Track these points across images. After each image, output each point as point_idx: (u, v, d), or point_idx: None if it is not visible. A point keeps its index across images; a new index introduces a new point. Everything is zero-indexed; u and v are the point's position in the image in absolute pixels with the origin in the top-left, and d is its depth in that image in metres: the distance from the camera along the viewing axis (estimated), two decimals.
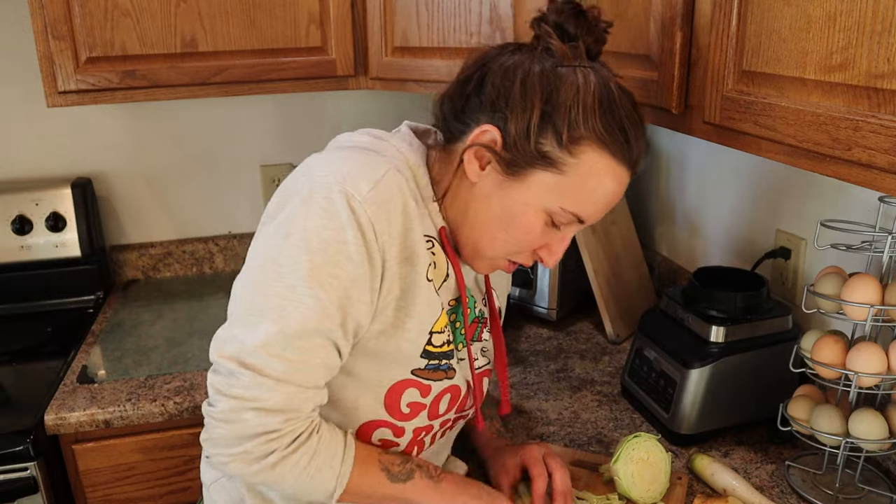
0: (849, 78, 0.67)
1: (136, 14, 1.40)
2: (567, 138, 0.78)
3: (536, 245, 0.86)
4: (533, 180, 0.81)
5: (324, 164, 0.80)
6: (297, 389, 0.76)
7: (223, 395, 0.76)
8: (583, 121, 0.78)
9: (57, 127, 1.81)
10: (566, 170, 0.79)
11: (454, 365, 0.91)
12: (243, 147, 1.92)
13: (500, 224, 0.84)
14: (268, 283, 0.76)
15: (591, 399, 1.35)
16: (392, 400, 0.88)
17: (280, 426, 0.76)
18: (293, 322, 0.75)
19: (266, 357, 0.75)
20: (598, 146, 0.79)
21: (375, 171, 0.79)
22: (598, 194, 0.81)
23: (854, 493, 1.05)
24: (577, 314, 1.70)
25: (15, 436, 1.26)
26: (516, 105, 0.79)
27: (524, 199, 0.82)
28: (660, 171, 1.77)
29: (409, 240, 0.81)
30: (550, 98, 0.78)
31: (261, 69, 1.49)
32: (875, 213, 1.00)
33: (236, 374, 0.75)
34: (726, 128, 0.87)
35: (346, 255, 0.75)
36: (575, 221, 0.83)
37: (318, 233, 0.75)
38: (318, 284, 0.75)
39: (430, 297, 0.85)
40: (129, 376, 1.42)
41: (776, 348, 1.17)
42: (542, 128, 0.79)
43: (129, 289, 1.89)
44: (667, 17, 0.96)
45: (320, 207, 0.75)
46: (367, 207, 0.76)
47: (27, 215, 1.73)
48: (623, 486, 0.99)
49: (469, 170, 0.83)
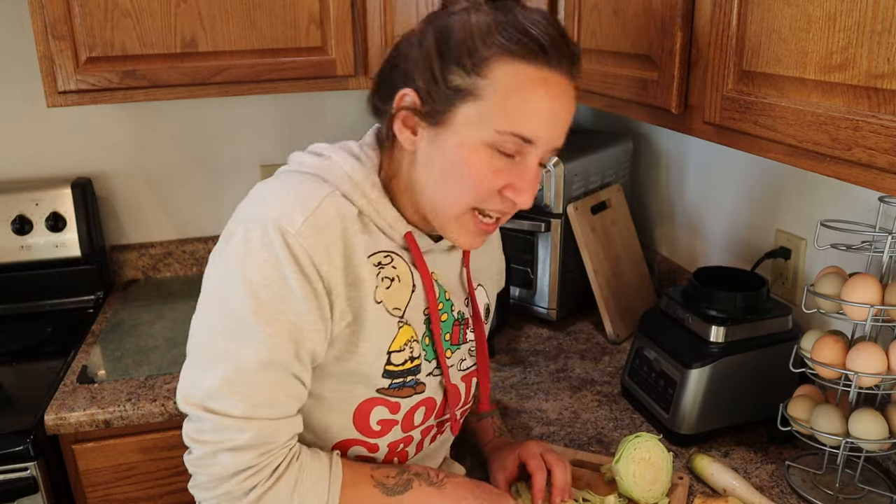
0: (849, 78, 0.67)
1: (136, 14, 1.40)
2: (472, 64, 0.77)
3: (495, 186, 0.81)
4: (458, 119, 0.79)
5: (261, 201, 0.81)
6: (265, 423, 0.78)
7: (196, 441, 0.78)
8: (481, 43, 0.77)
9: (57, 127, 1.81)
10: (483, 93, 0.77)
11: (423, 379, 0.90)
12: (243, 147, 1.92)
13: (446, 177, 0.81)
14: (218, 324, 0.78)
15: (591, 399, 1.35)
16: (361, 419, 0.88)
17: (255, 461, 0.77)
18: (247, 359, 0.76)
19: (227, 397, 0.76)
20: (508, 58, 0.77)
21: (311, 201, 0.79)
22: (530, 106, 0.78)
23: (854, 493, 1.05)
24: (577, 314, 1.70)
25: (15, 436, 1.26)
26: (417, 59, 0.80)
27: (458, 142, 0.79)
28: (660, 171, 1.77)
29: (352, 264, 0.80)
30: (447, 40, 0.78)
31: (261, 69, 1.49)
32: (875, 213, 1.00)
33: (203, 420, 0.77)
34: (726, 128, 0.87)
35: (289, 289, 0.76)
36: (522, 143, 0.79)
37: (259, 270, 0.76)
38: (266, 321, 0.76)
39: (382, 318, 0.84)
40: (129, 376, 1.42)
41: (776, 348, 1.17)
42: (445, 66, 0.78)
43: (129, 289, 1.89)
44: (667, 17, 0.96)
45: (259, 244, 0.76)
46: (302, 241, 0.76)
47: (27, 215, 1.73)
48: (625, 486, 0.99)
49: (403, 139, 0.83)
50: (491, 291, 1.06)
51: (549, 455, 0.99)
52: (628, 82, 1.09)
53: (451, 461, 1.10)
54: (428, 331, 0.90)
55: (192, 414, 0.78)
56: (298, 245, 0.76)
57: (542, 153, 0.81)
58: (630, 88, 1.08)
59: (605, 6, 1.15)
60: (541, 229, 1.55)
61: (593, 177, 1.65)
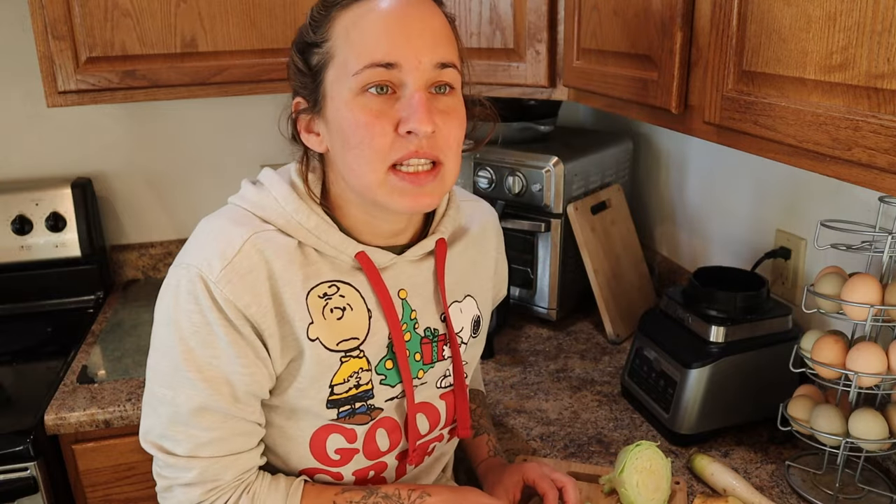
0: (849, 78, 0.67)
1: (136, 14, 1.40)
2: (318, 37, 0.79)
3: (387, 129, 0.75)
4: (328, 89, 0.79)
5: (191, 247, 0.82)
6: (208, 462, 0.81)
7: (156, 475, 0.85)
8: (319, 15, 0.80)
9: (57, 127, 1.81)
10: (334, 51, 0.78)
11: (381, 404, 0.87)
12: (243, 147, 1.92)
13: (347, 148, 0.78)
14: (158, 368, 0.81)
15: (591, 399, 1.35)
16: (317, 448, 0.87)
17: (204, 497, 0.82)
18: (184, 404, 0.79)
19: (172, 437, 0.80)
20: (336, 10, 0.78)
21: (232, 245, 0.78)
22: (370, 33, 0.75)
23: (854, 493, 1.05)
24: (577, 314, 1.70)
25: (15, 436, 1.26)
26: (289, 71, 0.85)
27: (335, 107, 0.78)
28: (660, 171, 1.77)
29: (283, 304, 0.79)
30: (298, 38, 0.83)
31: (261, 69, 1.49)
32: (875, 213, 1.00)
33: (157, 457, 0.83)
34: (726, 128, 0.87)
35: (215, 336, 0.78)
36: (384, 70, 0.74)
37: (188, 318, 0.78)
38: (197, 367, 0.78)
39: (320, 355, 0.82)
40: (129, 376, 1.42)
41: (776, 348, 1.17)
42: (305, 56, 0.81)
43: (129, 289, 1.89)
44: (667, 17, 0.96)
45: (184, 294, 0.78)
46: (222, 287, 0.76)
47: (27, 215, 1.73)
48: (629, 497, 0.98)
49: (312, 145, 0.83)
50: (483, 301, 1.00)
51: (556, 474, 0.97)
52: (628, 82, 1.09)
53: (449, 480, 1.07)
54: (391, 353, 0.87)
55: (148, 450, 0.83)
56: (219, 292, 0.77)
57: (419, 74, 0.75)
58: (630, 88, 1.08)
59: (605, 6, 1.15)
60: (541, 229, 1.55)
61: (593, 177, 1.65)
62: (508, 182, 1.58)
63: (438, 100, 0.78)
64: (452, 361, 0.94)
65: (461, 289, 0.96)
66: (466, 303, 0.97)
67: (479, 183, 1.63)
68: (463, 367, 0.95)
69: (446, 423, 0.96)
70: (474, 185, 1.64)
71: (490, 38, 1.40)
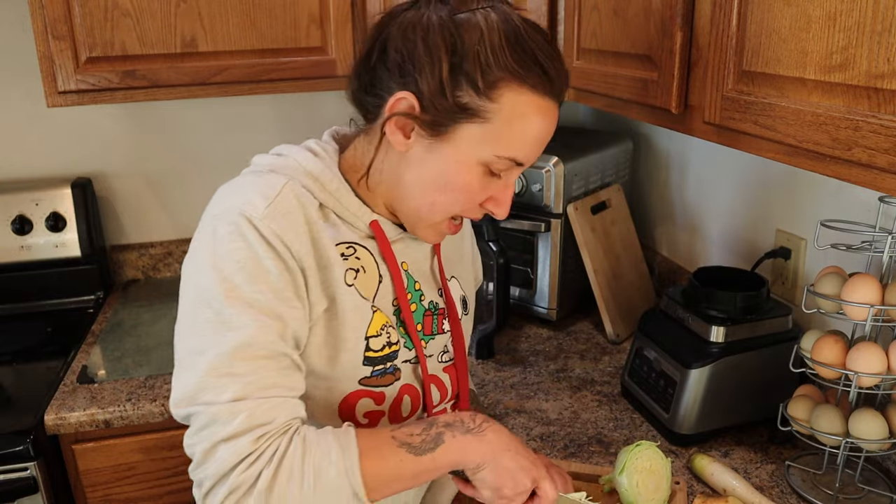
0: (849, 78, 0.67)
1: (136, 14, 1.40)
2: (483, 84, 0.76)
3: (479, 200, 0.84)
4: (461, 136, 0.78)
5: (221, 199, 0.81)
6: (256, 402, 0.74)
7: (193, 445, 0.75)
8: (494, 62, 0.75)
9: (57, 127, 1.81)
10: (490, 117, 0.77)
11: (398, 364, 0.89)
12: (243, 147, 1.92)
13: (438, 187, 0.81)
14: (199, 320, 0.76)
15: (591, 399, 1.35)
16: (347, 413, 0.87)
17: (253, 447, 0.73)
18: (230, 341, 0.74)
19: (214, 381, 0.73)
20: (517, 84, 0.76)
21: (271, 189, 0.79)
22: (528, 134, 0.79)
23: (854, 493, 1.05)
24: (577, 314, 1.70)
25: (15, 436, 1.26)
26: (423, 64, 0.76)
27: (457, 158, 0.79)
28: (660, 171, 1.77)
29: (320, 247, 0.80)
30: (456, 48, 0.75)
31: (261, 69, 1.49)
32: (875, 213, 1.00)
33: (196, 416, 0.74)
34: (726, 128, 0.87)
35: (264, 269, 0.76)
36: (513, 166, 0.82)
37: (232, 256, 0.75)
38: (245, 304, 0.75)
39: (356, 301, 0.83)
40: (129, 376, 1.42)
41: (776, 348, 1.17)
42: (455, 80, 0.76)
43: (129, 289, 1.89)
44: (667, 17, 0.96)
45: (226, 235, 0.76)
46: (268, 223, 0.76)
47: (27, 215, 1.73)
48: (629, 497, 0.98)
49: (394, 141, 0.81)
50: (466, 283, 1.05)
51: (551, 469, 0.95)
52: (628, 82, 1.09)
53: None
54: (399, 320, 0.89)
55: (184, 415, 0.76)
56: (265, 227, 0.76)
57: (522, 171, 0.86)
58: (630, 88, 1.08)
59: (605, 6, 1.15)
60: (541, 229, 1.55)
61: (593, 177, 1.65)
62: None
63: None
64: (452, 335, 0.97)
65: (448, 270, 1.00)
66: (452, 283, 1.01)
67: None
68: (464, 339, 0.99)
69: (451, 397, 0.98)
70: None
71: None
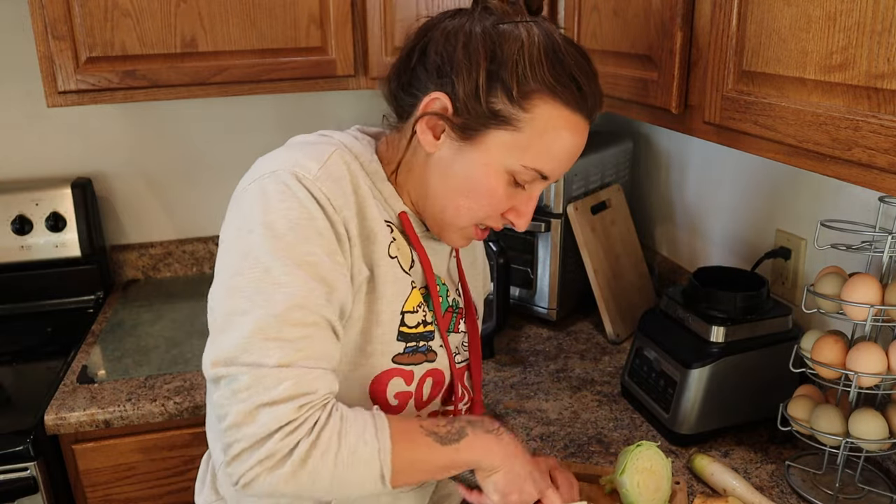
0: (849, 78, 0.67)
1: (136, 14, 1.40)
2: (518, 93, 0.76)
3: (502, 208, 0.84)
4: (490, 141, 0.79)
5: (267, 161, 0.80)
6: (302, 371, 0.72)
7: (230, 405, 0.71)
8: (531, 74, 0.76)
9: (57, 127, 1.81)
10: (521, 126, 0.78)
11: (434, 347, 0.89)
12: (243, 147, 1.92)
13: (463, 191, 0.82)
14: (244, 279, 0.73)
15: (591, 399, 1.35)
16: (378, 393, 0.86)
17: (295, 415, 0.71)
18: (280, 303, 0.72)
19: (261, 343, 0.71)
20: (551, 98, 0.77)
21: (321, 153, 0.79)
22: (557, 147, 0.80)
23: (854, 493, 1.05)
24: (577, 314, 1.70)
25: (15, 436, 1.26)
26: (461, 68, 0.77)
27: (484, 162, 0.80)
28: (660, 171, 1.77)
29: (366, 217, 0.81)
30: (495, 55, 0.76)
31: (261, 69, 1.49)
32: (875, 213, 1.00)
33: (235, 377, 0.71)
34: (726, 128, 0.87)
35: (316, 229, 0.75)
36: (538, 178, 0.82)
37: (283, 215, 0.74)
38: (296, 263, 0.73)
39: (396, 274, 0.83)
40: (129, 376, 1.42)
41: (776, 348, 1.17)
42: (491, 86, 0.77)
43: (129, 289, 1.89)
44: (667, 17, 0.96)
45: (277, 193, 0.75)
46: (320, 185, 0.76)
47: (27, 215, 1.73)
48: (630, 498, 0.98)
49: (424, 140, 0.81)
50: (476, 290, 1.05)
51: (555, 472, 0.96)
52: (628, 82, 1.09)
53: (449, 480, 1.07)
54: (431, 306, 0.89)
55: (222, 375, 0.72)
56: (317, 189, 0.75)
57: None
58: (630, 88, 1.08)
59: (605, 6, 1.15)
60: (541, 229, 1.55)
61: (593, 177, 1.65)
62: None
63: None
64: (469, 335, 0.97)
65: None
66: None
67: None
68: (480, 339, 0.99)
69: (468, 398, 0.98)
70: None
71: None
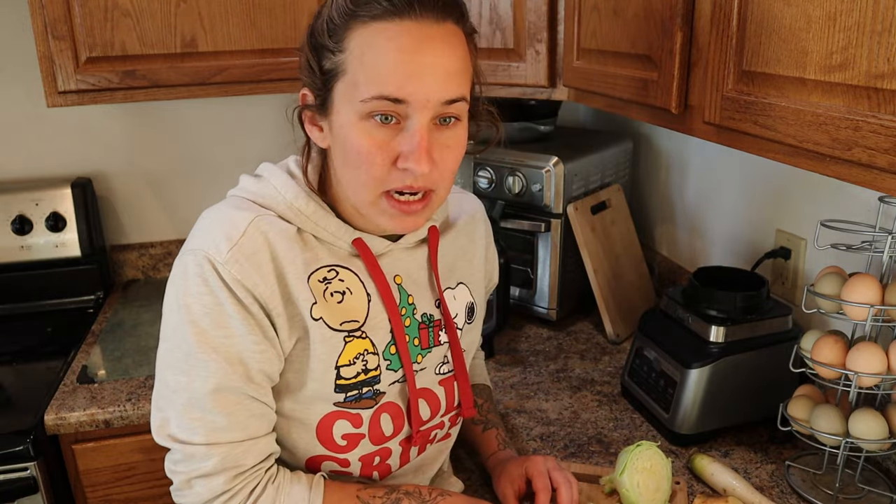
0: (849, 78, 0.67)
1: (136, 14, 1.40)
2: (333, 42, 0.78)
3: (386, 160, 0.77)
4: (337, 101, 0.79)
5: (196, 233, 0.83)
6: (229, 447, 0.80)
7: (172, 472, 0.82)
8: (337, 17, 0.77)
9: (57, 127, 1.81)
10: (346, 66, 0.77)
11: (384, 388, 0.89)
12: (243, 147, 1.92)
13: (347, 163, 0.80)
14: (173, 356, 0.80)
15: (591, 399, 1.35)
16: (324, 434, 0.88)
17: (230, 485, 0.80)
18: (201, 386, 0.78)
19: (188, 423, 0.79)
20: (359, 24, 0.76)
21: (237, 228, 0.80)
22: (383, 61, 0.74)
23: (854, 493, 1.05)
24: (577, 314, 1.70)
25: (15, 436, 1.26)
26: (301, 60, 0.83)
27: (340, 123, 0.79)
28: (660, 171, 1.77)
29: (288, 283, 0.81)
30: (313, 31, 0.81)
31: (261, 69, 1.49)
32: (875, 213, 1.00)
33: (173, 450, 0.81)
34: (726, 128, 0.87)
35: (227, 315, 0.78)
36: (391, 104, 0.74)
37: (198, 300, 0.78)
38: (212, 348, 0.78)
39: (324, 334, 0.83)
40: (129, 376, 1.42)
41: (776, 348, 1.17)
42: (319, 55, 0.80)
43: (129, 289, 1.89)
44: (667, 17, 0.96)
45: (195, 276, 0.78)
46: (230, 268, 0.78)
47: (27, 215, 1.73)
48: (631, 498, 0.98)
49: (315, 139, 0.84)
50: (476, 288, 1.02)
51: (555, 473, 0.97)
52: (628, 82, 1.09)
53: (448, 474, 1.08)
54: (393, 338, 0.89)
55: (163, 444, 0.82)
56: (227, 272, 0.78)
57: (426, 111, 0.75)
58: (630, 88, 1.08)
59: (605, 6, 1.15)
60: (541, 229, 1.55)
61: (593, 177, 1.65)
62: (508, 182, 1.58)
63: (441, 132, 0.79)
64: (451, 346, 0.96)
65: (454, 276, 0.98)
66: (459, 290, 0.99)
67: (479, 183, 1.63)
68: (462, 351, 0.97)
69: (447, 409, 0.97)
70: (474, 184, 1.64)
71: (490, 38, 1.40)
